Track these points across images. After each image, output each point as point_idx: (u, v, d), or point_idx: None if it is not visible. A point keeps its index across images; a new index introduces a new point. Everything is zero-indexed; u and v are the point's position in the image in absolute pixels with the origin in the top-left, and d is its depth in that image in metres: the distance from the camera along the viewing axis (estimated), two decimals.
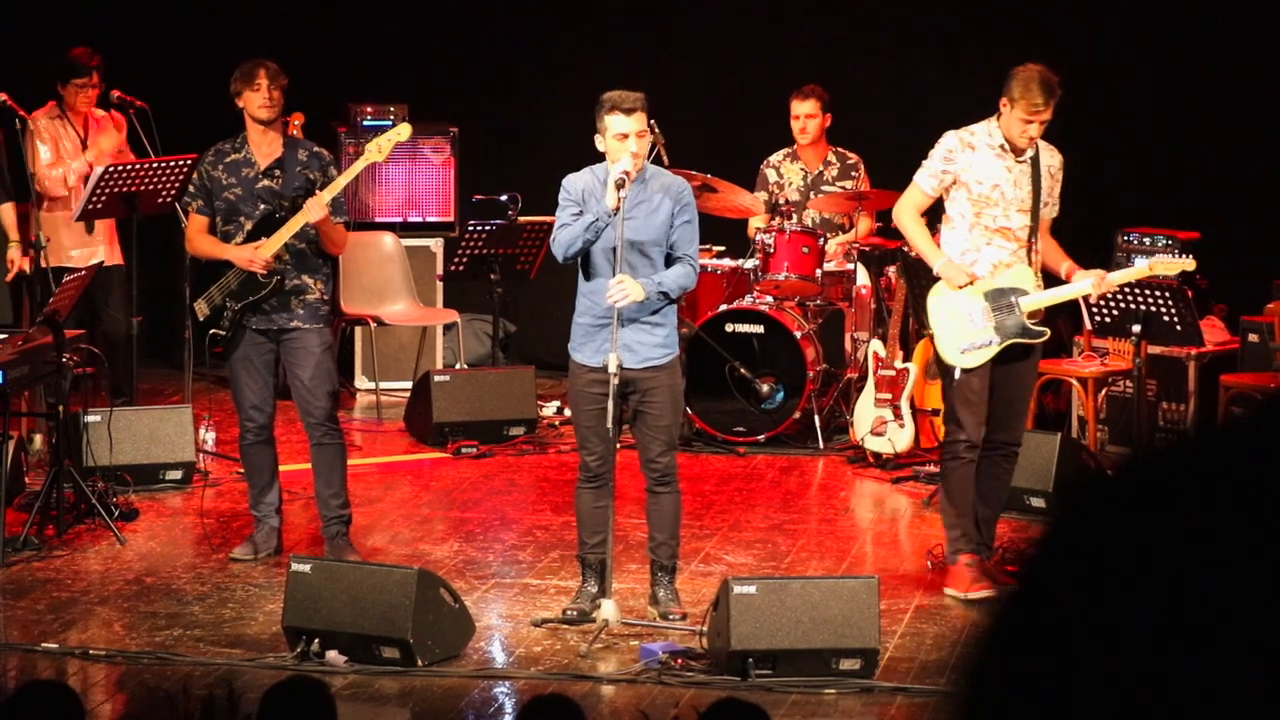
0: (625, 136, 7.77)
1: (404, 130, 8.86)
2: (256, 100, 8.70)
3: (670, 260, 7.87)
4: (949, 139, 8.35)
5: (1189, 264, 8.57)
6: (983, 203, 8.28)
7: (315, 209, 8.56)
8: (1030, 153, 8.30)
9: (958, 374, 8.42)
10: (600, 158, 7.89)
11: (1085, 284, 8.34)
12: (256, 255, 8.63)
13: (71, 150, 11.12)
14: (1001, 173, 8.28)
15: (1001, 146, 8.27)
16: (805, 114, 11.60)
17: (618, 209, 7.70)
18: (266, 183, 8.72)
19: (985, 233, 8.30)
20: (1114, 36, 12.36)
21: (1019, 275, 8.29)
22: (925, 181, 8.37)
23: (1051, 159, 8.39)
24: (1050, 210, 8.41)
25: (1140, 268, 8.59)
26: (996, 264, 8.32)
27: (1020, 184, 8.29)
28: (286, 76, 8.81)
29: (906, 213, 8.43)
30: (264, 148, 8.76)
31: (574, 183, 7.89)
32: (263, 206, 8.72)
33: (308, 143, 9.00)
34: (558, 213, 7.88)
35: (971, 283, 8.31)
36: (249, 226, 8.72)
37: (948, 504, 8.45)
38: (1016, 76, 8.21)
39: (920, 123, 12.67)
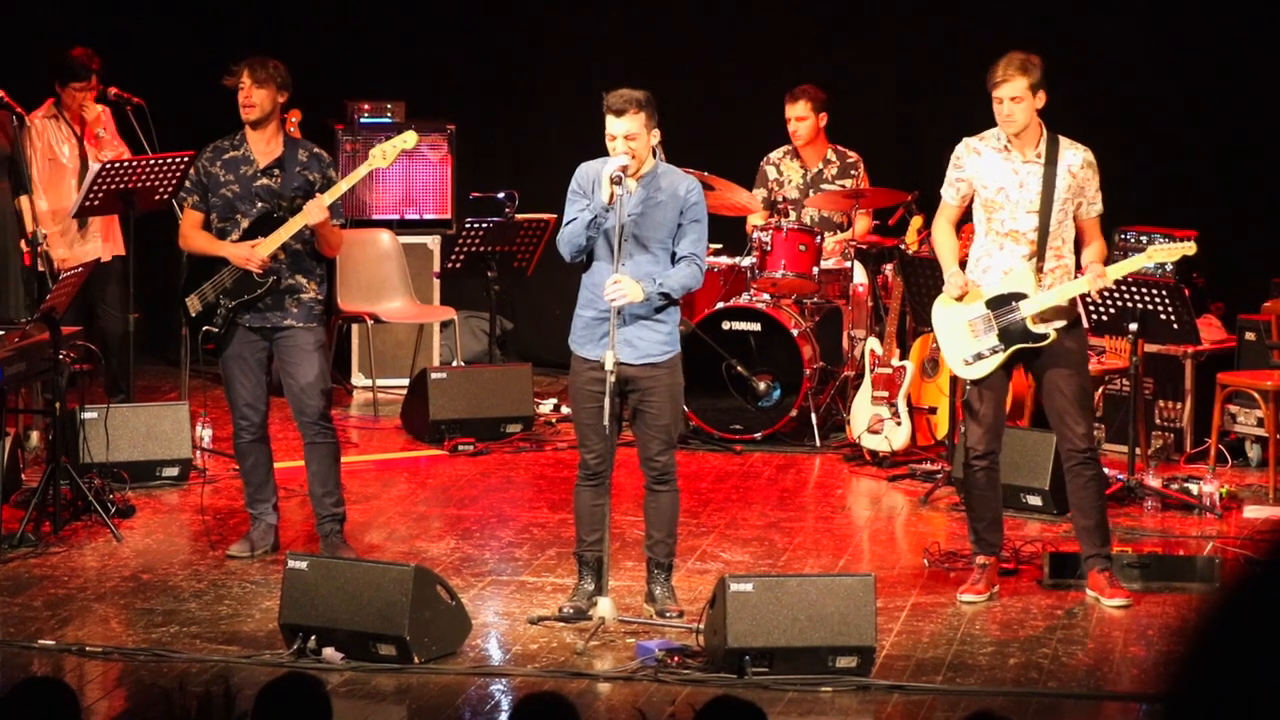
0: (614, 138, 7.76)
1: (410, 138, 8.82)
2: (239, 100, 8.68)
3: (677, 259, 7.86)
4: (959, 146, 8.28)
5: (1189, 248, 8.30)
6: (992, 207, 8.17)
7: (315, 212, 8.53)
8: (1041, 150, 8.12)
9: (968, 386, 8.40)
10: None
11: (1082, 280, 8.13)
12: (253, 254, 8.62)
13: (69, 154, 11.09)
14: (1007, 174, 8.14)
15: (1006, 146, 8.16)
16: (796, 116, 11.58)
17: (611, 202, 7.69)
18: (265, 181, 8.69)
19: (997, 237, 8.17)
20: (1112, 34, 12.35)
21: (1018, 279, 8.15)
22: (945, 192, 8.33)
23: (1074, 157, 8.13)
24: (1088, 209, 8.18)
25: (1138, 258, 8.36)
26: (1008, 270, 8.17)
27: (1028, 185, 8.11)
28: (282, 78, 8.69)
29: (936, 225, 8.43)
30: (262, 146, 8.72)
31: (585, 172, 7.84)
32: (260, 205, 8.68)
33: (308, 143, 8.94)
34: (566, 207, 7.86)
35: (964, 295, 8.25)
36: (245, 224, 8.69)
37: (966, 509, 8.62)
38: None
39: (921, 121, 12.71)
